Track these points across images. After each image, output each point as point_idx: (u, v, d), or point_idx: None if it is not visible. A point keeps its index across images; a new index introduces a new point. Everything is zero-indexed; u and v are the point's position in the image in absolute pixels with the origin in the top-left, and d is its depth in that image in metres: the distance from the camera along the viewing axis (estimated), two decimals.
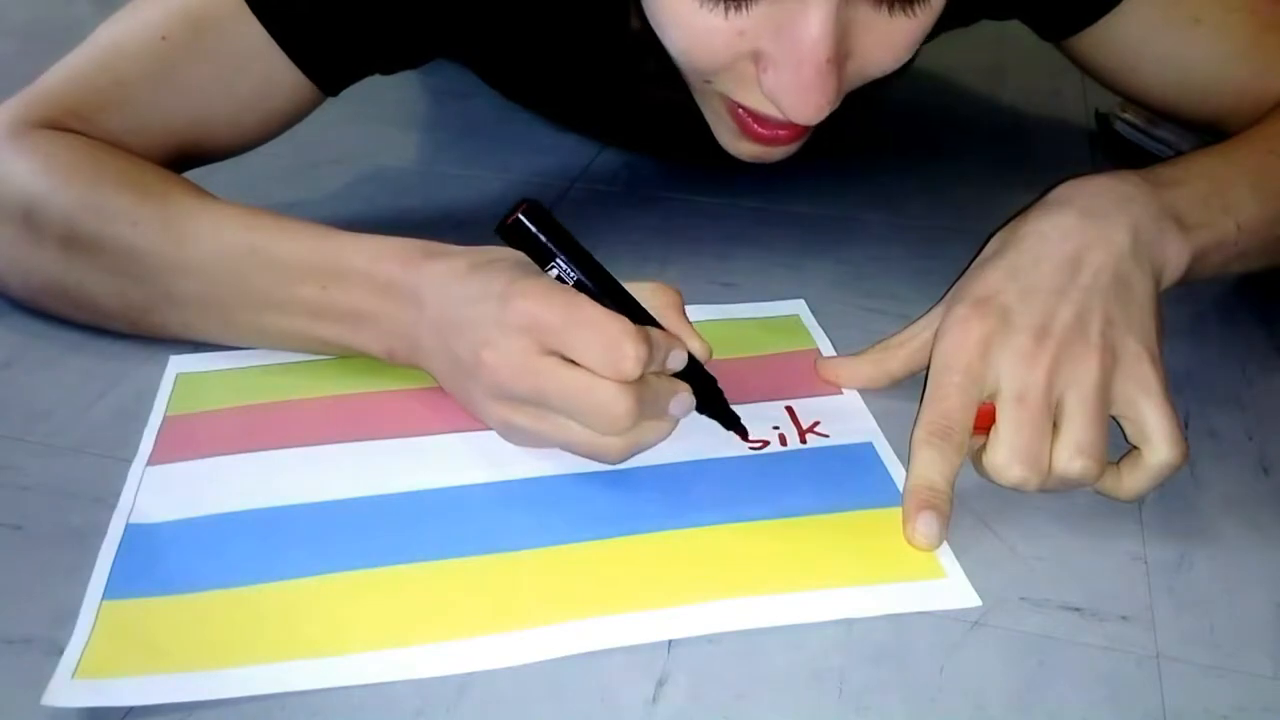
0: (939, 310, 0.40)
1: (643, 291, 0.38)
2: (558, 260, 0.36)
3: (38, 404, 0.42)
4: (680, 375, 0.37)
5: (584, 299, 0.35)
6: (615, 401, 0.34)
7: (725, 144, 0.46)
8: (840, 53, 0.38)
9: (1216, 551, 0.36)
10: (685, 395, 0.37)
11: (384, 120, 0.67)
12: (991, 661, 0.32)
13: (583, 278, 0.36)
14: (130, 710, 0.30)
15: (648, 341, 0.34)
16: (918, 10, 0.39)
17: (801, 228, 0.55)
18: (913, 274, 0.51)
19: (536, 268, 0.36)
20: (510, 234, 0.36)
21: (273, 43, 0.45)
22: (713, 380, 0.39)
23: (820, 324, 0.47)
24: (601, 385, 0.34)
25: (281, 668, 0.31)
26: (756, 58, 0.39)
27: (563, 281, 0.36)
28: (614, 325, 0.34)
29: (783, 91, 0.39)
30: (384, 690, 0.30)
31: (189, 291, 0.41)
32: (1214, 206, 0.41)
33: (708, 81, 0.42)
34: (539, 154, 0.63)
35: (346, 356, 0.42)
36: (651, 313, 0.37)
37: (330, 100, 0.51)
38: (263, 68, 0.46)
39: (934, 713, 0.30)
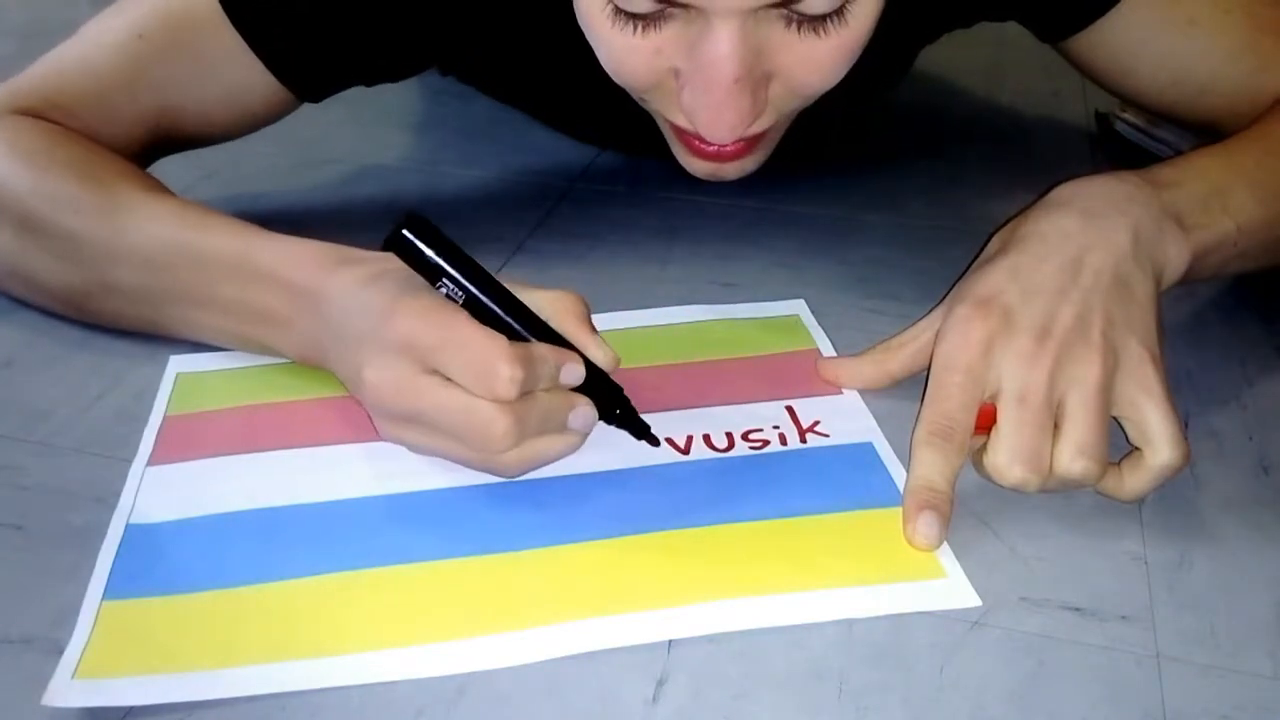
0: (940, 311, 0.40)
1: (545, 300, 0.37)
2: (444, 278, 0.35)
3: (38, 404, 0.42)
4: (586, 385, 0.36)
5: (462, 318, 0.34)
6: (492, 422, 0.34)
7: (681, 162, 0.46)
8: (753, 72, 0.38)
9: (1217, 551, 0.36)
10: (584, 409, 0.36)
11: (384, 121, 0.67)
12: (992, 661, 0.32)
13: (474, 292, 0.35)
14: (130, 710, 0.30)
15: (525, 361, 0.34)
16: (831, 30, 0.38)
17: (802, 228, 0.55)
18: (913, 274, 0.51)
19: (426, 282, 0.35)
20: (395, 250, 0.35)
21: (248, 49, 0.46)
22: (619, 389, 0.38)
23: (820, 324, 0.47)
24: (478, 406, 0.34)
25: (281, 667, 0.31)
26: (676, 76, 0.39)
27: (452, 299, 0.35)
28: (488, 346, 0.33)
29: (697, 110, 0.39)
30: (384, 690, 0.30)
31: (123, 281, 0.42)
32: (1214, 207, 0.41)
33: (644, 100, 0.43)
34: (539, 154, 0.63)
35: (271, 354, 0.42)
36: (553, 323, 0.37)
37: (330, 101, 0.52)
38: (237, 71, 0.47)
39: (934, 713, 0.30)
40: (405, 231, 0.34)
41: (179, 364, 0.43)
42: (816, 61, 0.39)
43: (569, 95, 0.56)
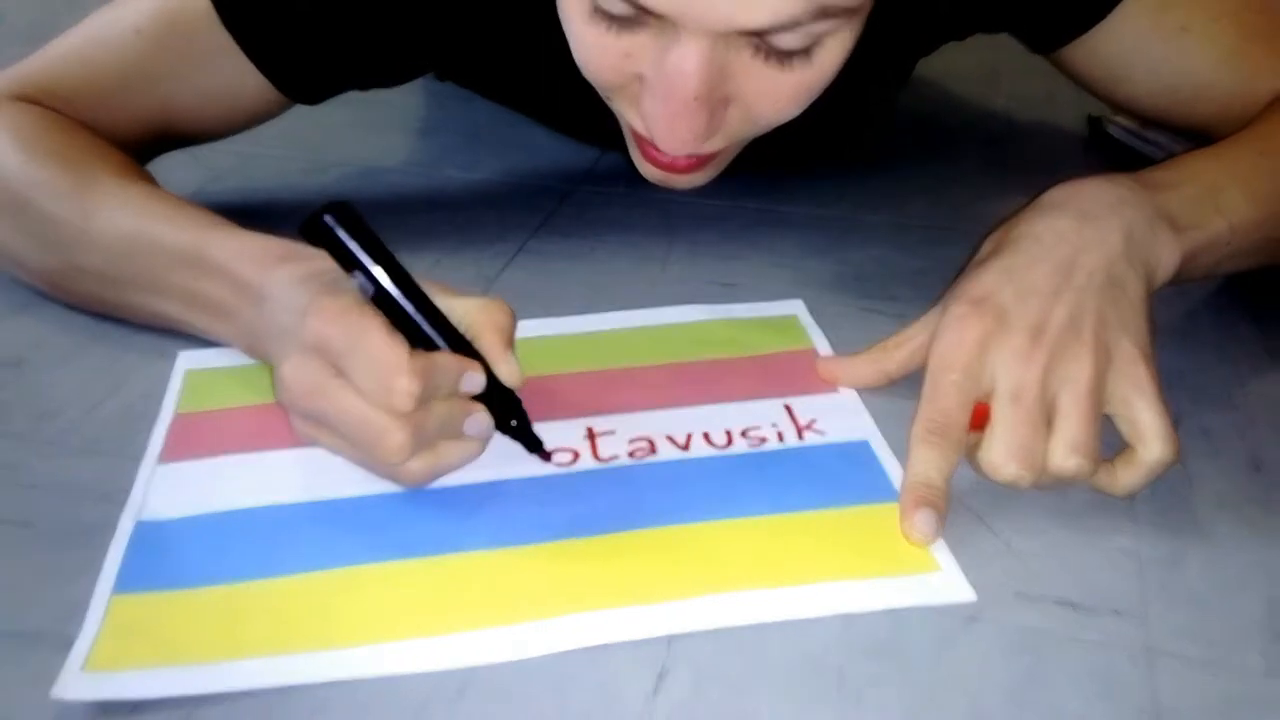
0: (935, 312, 0.41)
1: (467, 308, 0.37)
2: (357, 271, 0.34)
3: (47, 402, 0.42)
4: (486, 395, 0.36)
5: (374, 324, 0.34)
6: (388, 434, 0.33)
7: (636, 164, 0.46)
8: (713, 92, 0.39)
9: (1209, 548, 0.36)
10: (480, 416, 0.36)
11: (387, 123, 0.68)
12: (987, 656, 0.32)
13: (384, 285, 0.34)
14: (139, 703, 0.30)
15: (424, 373, 0.33)
16: (795, 67, 0.39)
17: (801, 229, 0.56)
18: (910, 275, 0.51)
19: (348, 283, 0.35)
20: (312, 236, 0.34)
21: (240, 50, 0.47)
22: (517, 401, 0.37)
23: (819, 324, 0.47)
24: (376, 417, 0.33)
25: (288, 661, 0.31)
26: (641, 81, 0.40)
27: (365, 291, 0.34)
28: (390, 357, 0.33)
29: (654, 119, 0.40)
30: (388, 683, 0.31)
31: (92, 265, 0.43)
32: (1206, 208, 0.41)
33: (609, 99, 0.43)
34: (542, 156, 0.63)
35: (221, 343, 0.43)
36: (468, 330, 0.36)
37: (336, 105, 0.52)
38: (230, 71, 0.47)
39: (930, 705, 0.30)
40: (326, 220, 0.34)
41: (188, 360, 0.44)
42: (775, 94, 0.40)
43: (565, 101, 0.57)
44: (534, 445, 0.38)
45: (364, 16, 0.47)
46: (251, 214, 0.44)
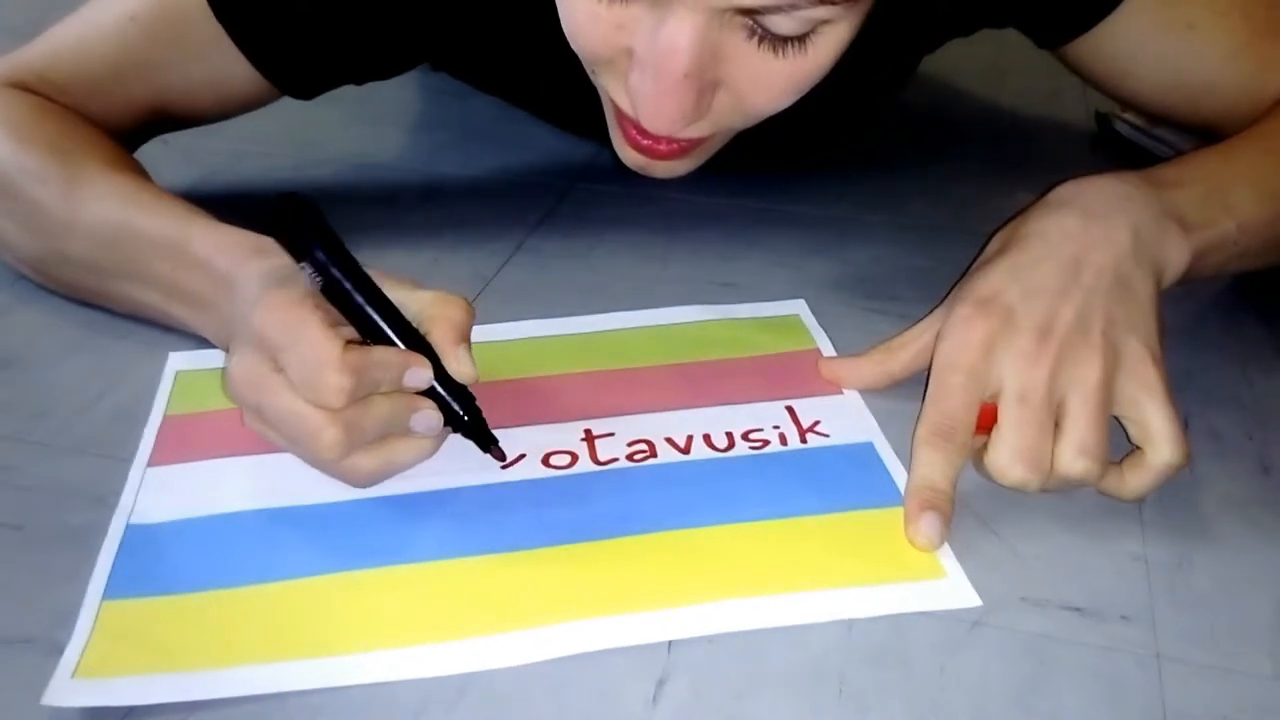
0: (940, 312, 0.40)
1: (423, 302, 0.36)
2: (305, 263, 0.34)
3: (37, 404, 0.42)
4: (438, 391, 0.36)
5: (311, 317, 0.33)
6: (320, 431, 0.33)
7: (615, 147, 0.46)
8: (703, 72, 0.38)
9: (1217, 551, 0.36)
10: (428, 413, 0.35)
11: (383, 121, 0.67)
12: (992, 662, 0.32)
13: (338, 276, 0.34)
14: (130, 710, 0.30)
15: (357, 369, 0.33)
16: (789, 54, 0.38)
17: (802, 228, 0.55)
18: (913, 274, 0.51)
19: (299, 278, 0.35)
20: (271, 231, 0.34)
21: (230, 41, 0.47)
22: (470, 397, 0.37)
23: (820, 324, 0.47)
24: (308, 413, 0.33)
25: (281, 667, 0.31)
26: (630, 56, 0.39)
27: (314, 283, 0.34)
28: (321, 352, 0.33)
29: (640, 95, 0.39)
30: (384, 690, 0.30)
31: (76, 252, 0.44)
32: (1214, 206, 0.41)
33: (594, 73, 0.43)
34: (539, 154, 0.63)
35: (197, 334, 0.43)
36: (424, 326, 0.36)
37: (329, 100, 0.52)
38: (223, 61, 0.48)
39: (934, 713, 0.30)
40: (278, 208, 0.34)
41: (178, 361, 0.43)
42: (766, 82, 0.39)
43: (562, 92, 0.57)
44: (486, 443, 0.37)
45: (354, 9, 0.47)
46: (245, 211, 0.43)
